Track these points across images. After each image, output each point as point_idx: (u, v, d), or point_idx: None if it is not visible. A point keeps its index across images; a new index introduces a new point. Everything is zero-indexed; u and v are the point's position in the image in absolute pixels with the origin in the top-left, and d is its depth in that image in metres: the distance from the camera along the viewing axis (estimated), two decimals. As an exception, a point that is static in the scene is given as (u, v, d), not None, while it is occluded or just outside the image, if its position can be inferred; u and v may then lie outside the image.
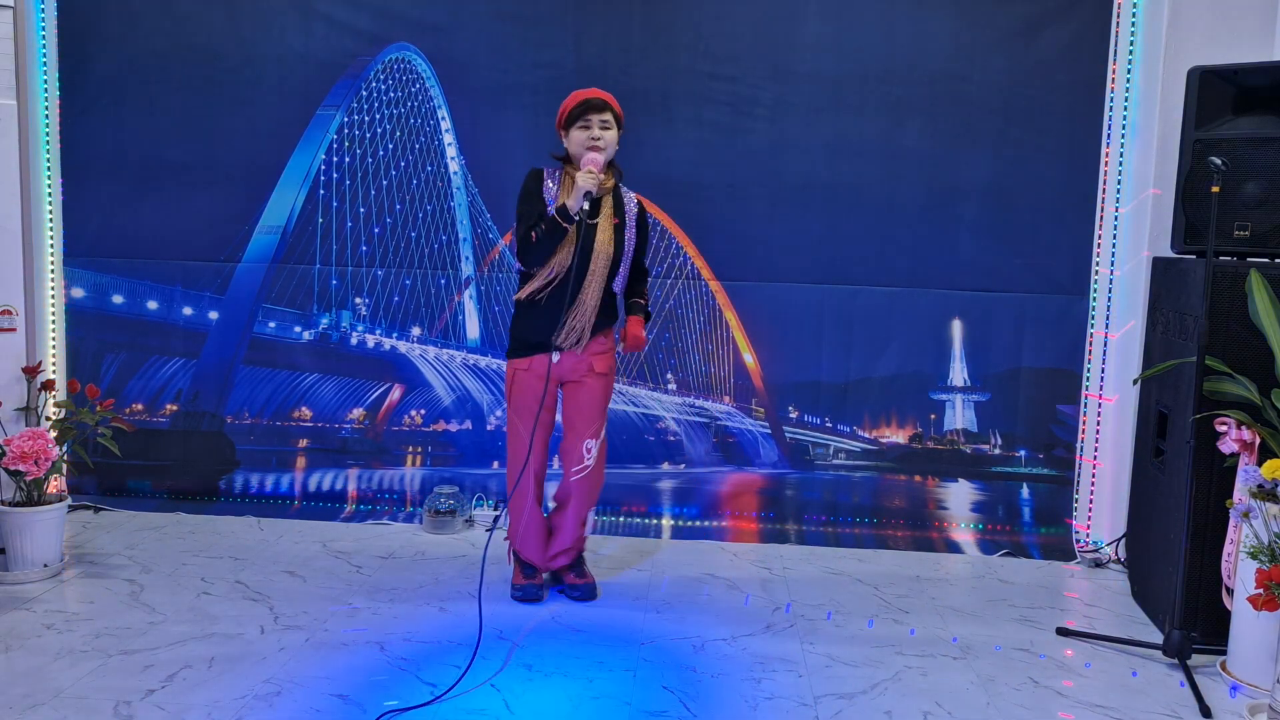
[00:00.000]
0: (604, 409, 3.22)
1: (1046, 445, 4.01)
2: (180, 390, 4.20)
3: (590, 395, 3.18)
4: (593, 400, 3.18)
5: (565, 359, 3.14)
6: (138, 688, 2.53)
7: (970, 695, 2.65)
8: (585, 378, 3.16)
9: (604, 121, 3.04)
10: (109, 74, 4.06)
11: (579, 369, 3.16)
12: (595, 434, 3.20)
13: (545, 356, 3.12)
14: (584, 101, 3.04)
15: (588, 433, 3.18)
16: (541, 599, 3.24)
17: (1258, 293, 2.80)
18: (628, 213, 3.16)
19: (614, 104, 3.09)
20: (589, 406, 3.18)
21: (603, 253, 3.07)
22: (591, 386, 3.18)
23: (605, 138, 3.04)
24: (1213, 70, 3.08)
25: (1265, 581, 2.45)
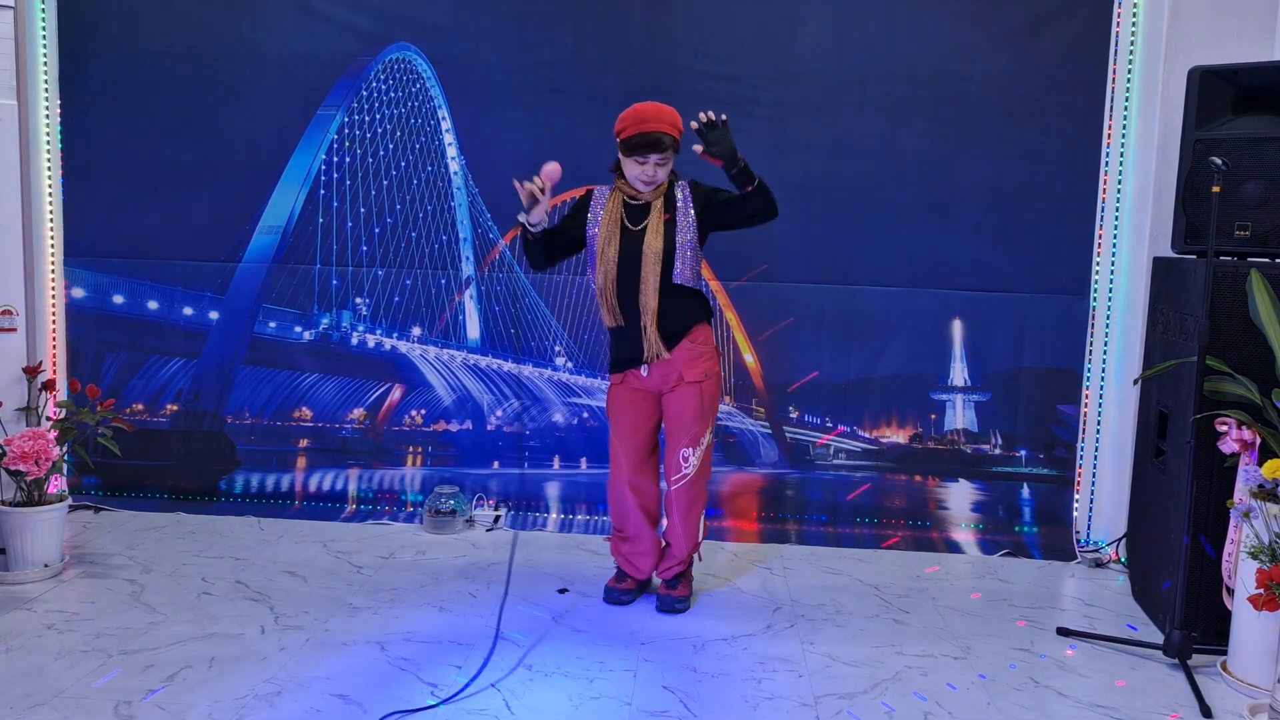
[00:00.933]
0: (701, 416, 3.12)
1: (1047, 445, 4.01)
2: (181, 390, 4.20)
3: (682, 404, 3.11)
4: (684, 409, 3.11)
5: (654, 371, 3.10)
6: (138, 688, 2.53)
7: (971, 695, 2.65)
8: (676, 387, 3.11)
9: (661, 160, 2.96)
10: (109, 74, 4.06)
11: (669, 379, 3.11)
12: (692, 442, 3.12)
13: (635, 372, 3.11)
14: (642, 136, 2.92)
15: (683, 441, 3.12)
16: (624, 603, 3.23)
17: (1258, 293, 2.80)
18: (679, 203, 3.07)
19: (674, 130, 2.96)
20: (682, 416, 3.11)
21: (650, 254, 3.01)
22: (683, 395, 3.10)
23: (658, 175, 2.99)
24: (1213, 70, 3.08)
25: (1265, 581, 2.45)
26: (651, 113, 2.95)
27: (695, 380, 3.10)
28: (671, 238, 3.03)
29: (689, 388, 3.10)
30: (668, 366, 3.09)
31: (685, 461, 3.14)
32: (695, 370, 3.10)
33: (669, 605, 3.19)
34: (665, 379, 3.11)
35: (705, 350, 3.13)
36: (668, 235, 3.03)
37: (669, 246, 3.03)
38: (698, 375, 3.10)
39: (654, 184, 3.02)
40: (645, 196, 3.06)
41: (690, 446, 3.13)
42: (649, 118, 2.94)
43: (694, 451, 3.13)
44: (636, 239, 3.04)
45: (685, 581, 3.27)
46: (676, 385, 3.11)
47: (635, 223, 3.06)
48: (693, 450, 3.13)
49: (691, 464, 3.13)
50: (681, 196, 3.08)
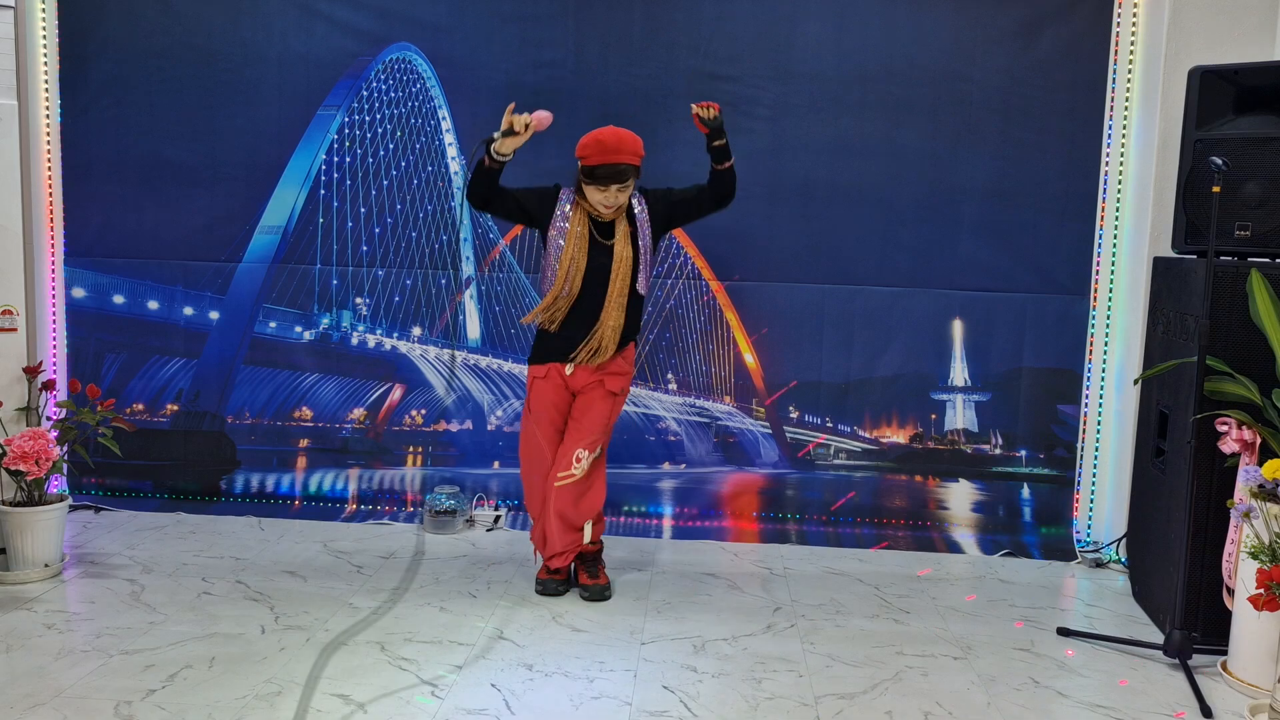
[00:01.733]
0: (606, 426, 3.22)
1: (1047, 445, 4.01)
2: (181, 390, 4.20)
3: (594, 410, 3.19)
4: (595, 416, 3.19)
5: (580, 371, 3.18)
6: (138, 688, 2.53)
7: (970, 695, 2.65)
8: (594, 392, 3.19)
9: (622, 188, 3.05)
10: (109, 74, 4.07)
11: (590, 381, 3.19)
12: (590, 445, 3.19)
13: (558, 366, 3.18)
14: (610, 169, 2.99)
15: (581, 442, 3.18)
16: (560, 592, 3.28)
17: (1258, 293, 2.80)
18: (638, 216, 3.18)
19: (636, 158, 3.03)
20: (590, 420, 3.19)
21: (623, 263, 3.10)
22: (598, 403, 3.19)
23: (619, 201, 3.07)
24: (1213, 70, 3.08)
25: (1266, 581, 2.45)
26: (613, 142, 3.00)
27: (614, 392, 3.21)
28: (635, 246, 3.14)
29: (607, 397, 3.20)
30: (593, 372, 3.17)
31: (577, 462, 3.18)
32: (617, 382, 3.21)
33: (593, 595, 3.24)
34: (586, 381, 3.19)
35: (629, 368, 3.27)
36: (634, 244, 3.14)
37: (635, 257, 3.13)
38: (617, 387, 3.21)
39: (616, 209, 3.10)
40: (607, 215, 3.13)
41: (586, 449, 3.18)
42: (610, 148, 2.99)
43: (588, 455, 3.19)
44: (606, 251, 3.12)
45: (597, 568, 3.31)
46: (595, 391, 3.19)
47: (605, 236, 3.14)
48: (587, 454, 3.18)
49: (582, 465, 3.18)
50: (639, 207, 3.18)
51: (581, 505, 3.22)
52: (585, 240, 3.11)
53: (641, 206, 3.19)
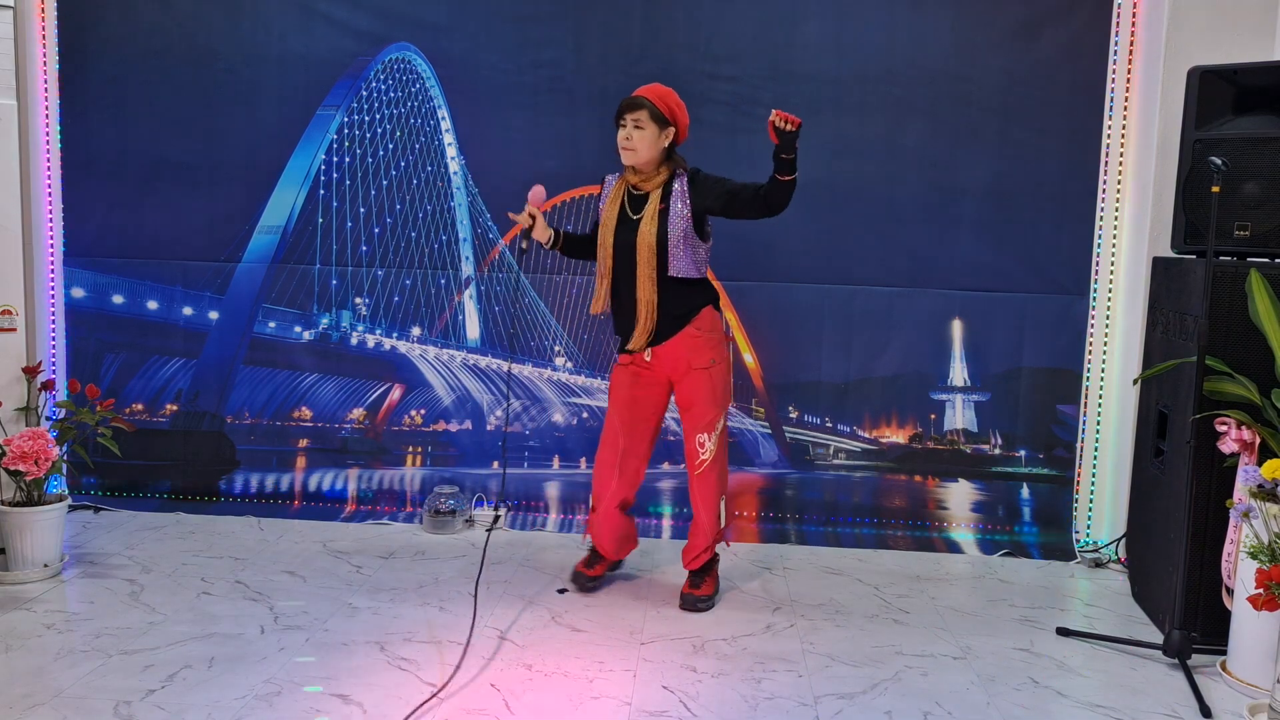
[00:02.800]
0: (714, 401, 3.14)
1: (1047, 445, 4.01)
2: (180, 390, 4.20)
3: (693, 391, 3.14)
4: (695, 395, 3.14)
5: (661, 357, 3.13)
6: (138, 688, 2.53)
7: (970, 695, 2.65)
8: (685, 374, 3.14)
9: (636, 120, 3.02)
10: (109, 74, 4.06)
11: (678, 366, 3.14)
12: (708, 427, 3.15)
13: (639, 356, 3.15)
14: (624, 102, 3.05)
15: (698, 427, 3.15)
16: (591, 590, 3.29)
17: (1258, 293, 2.80)
18: (674, 193, 3.09)
19: (657, 100, 3.04)
20: (693, 402, 3.15)
21: (643, 244, 3.04)
22: (692, 382, 3.13)
23: (635, 138, 3.03)
24: (1213, 70, 3.08)
25: (1265, 581, 2.45)
26: (643, 87, 3.09)
27: (703, 366, 3.12)
28: (664, 229, 3.06)
29: (698, 374, 3.12)
30: (673, 353, 3.12)
31: (702, 447, 3.16)
32: (702, 356, 3.11)
33: (691, 604, 3.20)
34: (674, 366, 3.14)
35: (712, 337, 3.14)
36: (661, 226, 3.06)
37: (662, 238, 3.05)
38: (704, 361, 3.11)
39: (632, 150, 3.04)
40: (644, 186, 3.09)
41: (705, 432, 3.15)
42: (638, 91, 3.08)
43: (709, 437, 3.15)
44: (634, 227, 3.08)
45: (710, 580, 3.27)
46: (685, 373, 3.13)
47: (635, 211, 3.10)
48: (708, 435, 3.15)
49: (708, 449, 3.15)
50: (679, 187, 3.10)
51: (719, 487, 3.22)
52: (614, 216, 3.10)
53: (682, 186, 3.10)
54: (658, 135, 3.05)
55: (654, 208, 3.07)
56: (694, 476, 3.20)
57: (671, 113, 3.06)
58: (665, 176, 3.10)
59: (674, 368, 3.14)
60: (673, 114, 3.07)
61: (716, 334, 3.15)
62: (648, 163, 3.06)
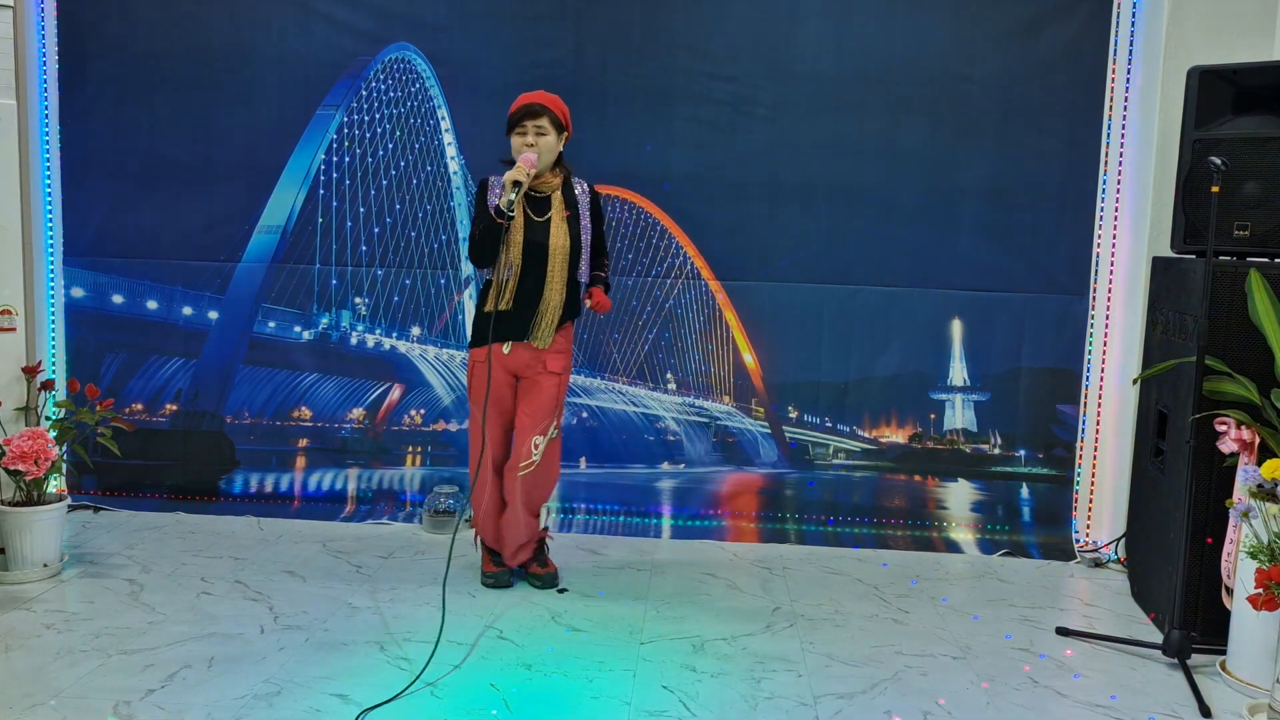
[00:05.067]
0: (555, 408, 3.24)
1: (1046, 445, 4.01)
2: (180, 390, 4.20)
3: (540, 394, 3.21)
4: (542, 399, 3.21)
5: (519, 353, 3.18)
6: (138, 687, 2.53)
7: (970, 695, 2.65)
8: (539, 375, 3.20)
9: (539, 127, 3.11)
10: (109, 74, 4.06)
11: (534, 365, 3.20)
12: (544, 430, 3.22)
13: (499, 347, 3.18)
14: (520, 108, 3.13)
15: (535, 429, 3.21)
16: (511, 585, 3.33)
17: (1257, 292, 2.80)
18: (580, 203, 3.21)
19: (554, 106, 3.14)
20: (537, 404, 3.21)
21: (559, 249, 3.13)
22: (544, 384, 3.21)
23: (540, 144, 3.10)
24: (1212, 70, 3.08)
25: (1265, 581, 2.45)
26: (529, 95, 3.17)
27: (557, 371, 3.22)
28: (577, 234, 3.18)
29: (549, 378, 3.21)
30: (533, 353, 3.18)
31: (535, 449, 3.22)
32: (559, 362, 3.22)
33: (551, 582, 3.32)
34: (530, 364, 3.20)
35: (568, 346, 3.28)
36: (572, 232, 3.17)
37: (575, 244, 3.17)
38: (559, 367, 3.23)
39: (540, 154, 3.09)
40: (542, 188, 3.16)
41: (540, 434, 3.21)
42: (522, 98, 3.16)
43: (543, 440, 3.22)
44: (540, 230, 3.14)
45: (548, 557, 3.39)
46: (539, 373, 3.20)
47: (538, 213, 3.16)
48: (542, 439, 3.22)
49: (540, 450, 3.22)
50: (581, 192, 3.22)
51: (544, 489, 3.30)
52: (522, 218, 3.13)
53: (584, 190, 3.23)
54: (556, 141, 3.15)
55: (560, 214, 3.16)
56: (517, 477, 3.22)
57: (566, 119, 3.19)
58: (560, 180, 3.19)
59: (529, 366, 3.20)
60: (567, 120, 3.20)
61: (570, 343, 3.29)
62: (546, 166, 3.15)
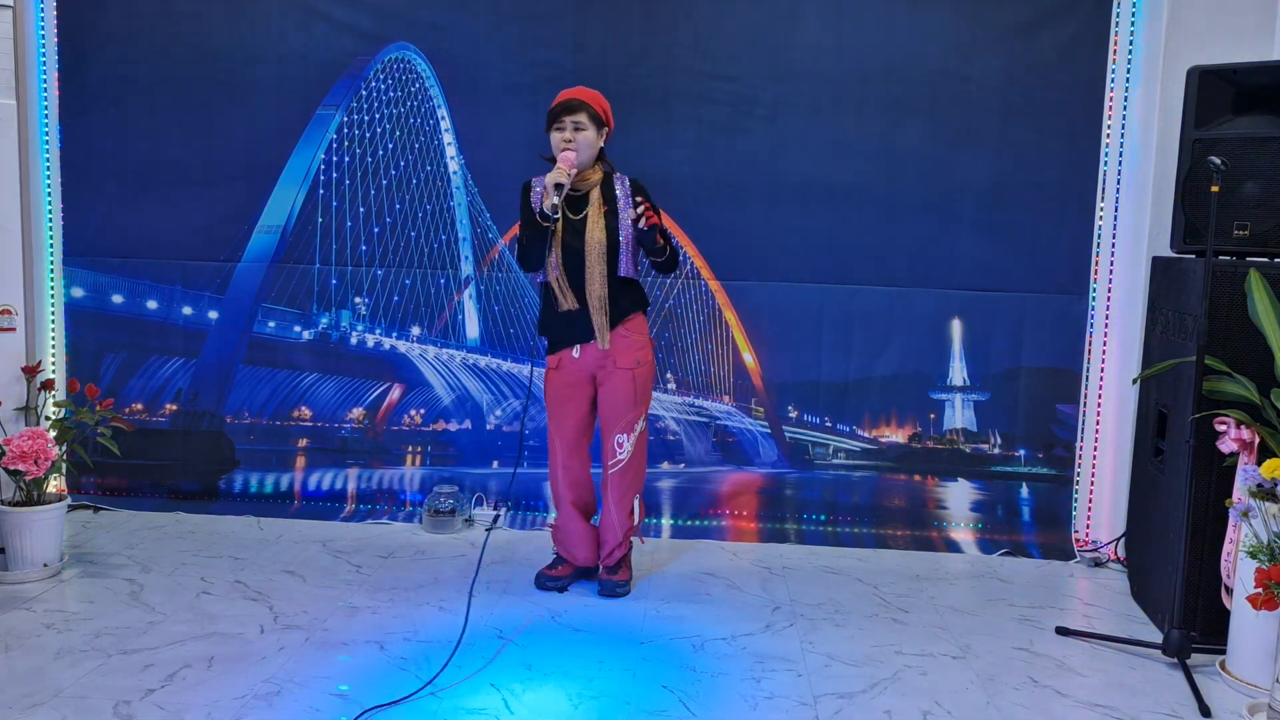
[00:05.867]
0: (635, 402, 3.20)
1: (1046, 445, 4.01)
2: (180, 390, 4.20)
3: (615, 390, 3.18)
4: (619, 397, 3.18)
5: (588, 355, 3.16)
6: (137, 687, 2.53)
7: (970, 695, 2.65)
8: (610, 374, 3.17)
9: (577, 122, 3.07)
10: (109, 73, 4.06)
11: (604, 364, 3.17)
12: (627, 428, 3.20)
13: (568, 354, 3.17)
14: (560, 104, 3.09)
15: (617, 427, 3.20)
16: (561, 590, 3.31)
17: (1257, 292, 2.80)
18: (620, 198, 3.16)
19: (593, 102, 3.11)
20: (616, 403, 3.19)
21: (595, 243, 3.08)
22: (617, 382, 3.18)
23: (579, 139, 3.07)
24: (1212, 70, 3.08)
25: (1264, 581, 2.45)
26: (568, 91, 3.12)
27: (628, 367, 3.18)
28: (614, 230, 3.12)
29: (622, 374, 3.18)
30: (603, 352, 3.15)
31: (620, 448, 3.21)
32: (628, 357, 3.18)
33: (610, 590, 3.28)
34: (600, 364, 3.17)
35: (640, 339, 3.22)
36: (609, 227, 3.11)
37: (612, 240, 3.11)
38: (630, 362, 3.18)
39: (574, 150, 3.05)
40: (581, 186, 3.12)
41: (625, 433, 3.20)
42: (563, 94, 3.12)
43: (629, 438, 3.21)
44: (578, 229, 3.10)
45: (625, 566, 3.35)
46: (610, 372, 3.17)
47: (575, 212, 3.13)
48: (627, 436, 3.20)
49: (626, 450, 3.21)
50: (621, 190, 3.17)
51: (635, 485, 3.28)
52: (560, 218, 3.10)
53: (625, 190, 3.17)
54: (596, 137, 3.11)
55: (598, 209, 3.12)
56: (608, 475, 3.24)
57: (606, 114, 3.15)
58: (600, 176, 3.15)
59: (600, 365, 3.18)
60: (607, 115, 3.16)
61: (644, 337, 3.23)
62: (586, 163, 3.11)
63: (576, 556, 3.36)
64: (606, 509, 3.28)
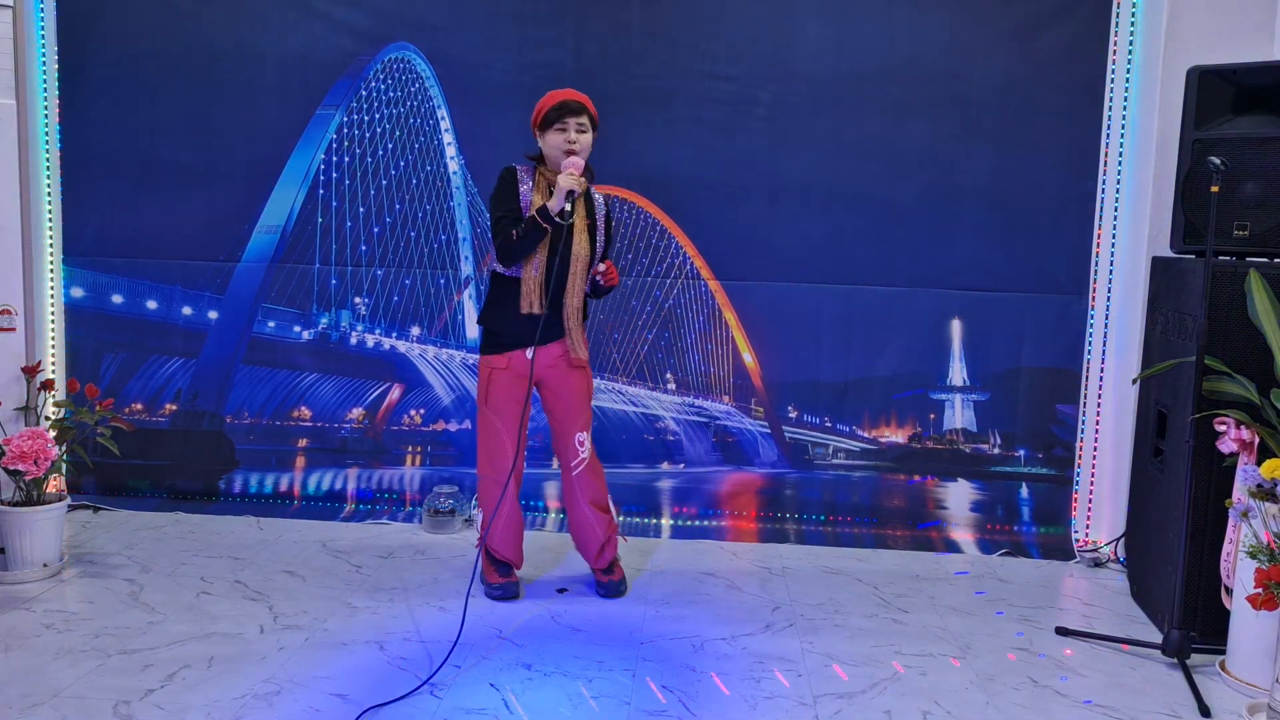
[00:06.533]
0: (589, 400, 3.24)
1: (1046, 445, 4.01)
2: (180, 390, 4.20)
3: (574, 388, 3.19)
4: (576, 393, 3.20)
5: (544, 357, 3.13)
6: (137, 687, 2.53)
7: (969, 695, 2.65)
8: (565, 373, 3.17)
9: (580, 125, 3.03)
10: (109, 73, 4.06)
11: (558, 364, 3.16)
12: (585, 425, 3.21)
13: (522, 353, 3.11)
14: (561, 104, 3.03)
15: (578, 425, 3.20)
16: (520, 596, 3.25)
17: (1257, 292, 2.80)
18: (598, 215, 3.17)
19: (590, 106, 3.08)
20: (574, 400, 3.20)
21: (581, 255, 3.08)
22: (574, 380, 3.19)
23: (581, 141, 3.04)
24: (1212, 70, 3.08)
25: (1264, 581, 2.45)
26: (563, 92, 3.08)
27: (581, 366, 3.18)
28: (594, 243, 3.13)
29: (576, 372, 3.18)
30: (560, 353, 3.14)
31: (581, 446, 3.20)
32: (580, 356, 3.17)
33: (613, 590, 3.27)
34: (553, 364, 3.15)
35: (586, 340, 3.24)
36: (591, 240, 3.12)
37: (592, 256, 3.13)
38: (581, 361, 3.18)
39: (578, 151, 3.02)
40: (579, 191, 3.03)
41: (585, 430, 3.21)
42: (559, 94, 3.07)
43: (586, 435, 3.21)
44: (567, 235, 3.04)
45: (618, 564, 3.34)
46: (565, 371, 3.16)
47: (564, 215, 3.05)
48: (585, 434, 3.21)
49: (588, 447, 3.21)
50: (599, 203, 3.19)
51: (603, 482, 3.27)
52: None
53: (601, 203, 3.19)
54: (591, 140, 3.09)
55: (581, 220, 3.09)
56: (574, 477, 3.21)
57: (596, 119, 3.11)
58: (586, 185, 3.07)
59: (552, 367, 3.15)
60: (597, 120, 3.12)
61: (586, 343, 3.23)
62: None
63: (514, 557, 3.27)
64: (579, 511, 3.23)
